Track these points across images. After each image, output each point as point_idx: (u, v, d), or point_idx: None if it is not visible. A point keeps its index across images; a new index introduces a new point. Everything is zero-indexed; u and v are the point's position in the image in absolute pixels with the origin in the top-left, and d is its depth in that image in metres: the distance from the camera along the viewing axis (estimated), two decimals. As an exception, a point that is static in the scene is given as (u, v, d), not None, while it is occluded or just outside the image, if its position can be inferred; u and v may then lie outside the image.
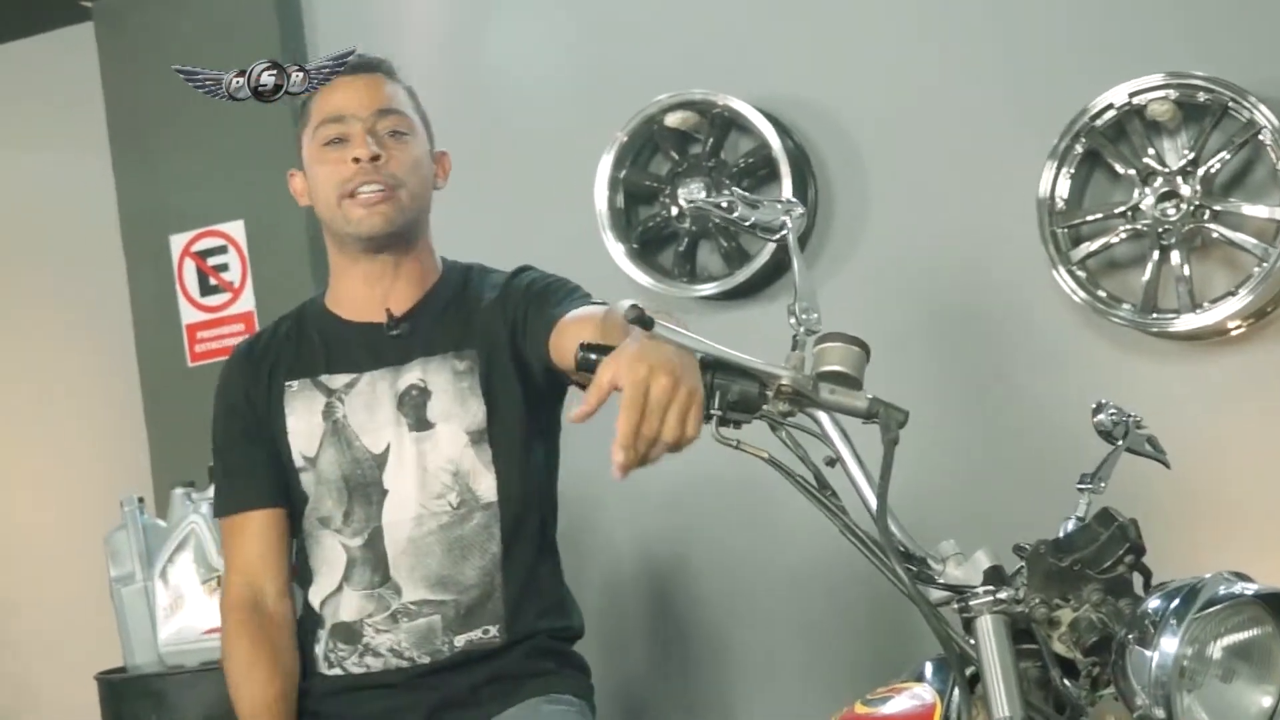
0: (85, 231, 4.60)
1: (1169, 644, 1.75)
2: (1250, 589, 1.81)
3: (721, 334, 1.96)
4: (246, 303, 4.36)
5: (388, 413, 2.47)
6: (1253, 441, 3.59)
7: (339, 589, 2.48)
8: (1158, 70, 3.50)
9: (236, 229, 4.37)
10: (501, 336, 2.47)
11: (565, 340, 2.26)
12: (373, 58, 2.56)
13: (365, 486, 2.46)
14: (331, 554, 2.48)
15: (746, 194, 2.12)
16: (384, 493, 2.46)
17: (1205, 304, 3.52)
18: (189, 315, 4.40)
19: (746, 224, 2.10)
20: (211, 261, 4.39)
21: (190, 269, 4.40)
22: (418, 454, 2.45)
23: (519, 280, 2.55)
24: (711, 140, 3.93)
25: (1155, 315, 3.55)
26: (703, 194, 3.88)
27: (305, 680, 2.51)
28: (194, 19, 4.41)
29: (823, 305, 2.03)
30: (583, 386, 2.03)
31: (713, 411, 1.92)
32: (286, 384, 2.51)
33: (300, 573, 2.55)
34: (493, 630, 2.45)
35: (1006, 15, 3.80)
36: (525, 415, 2.48)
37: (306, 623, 2.53)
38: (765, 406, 1.92)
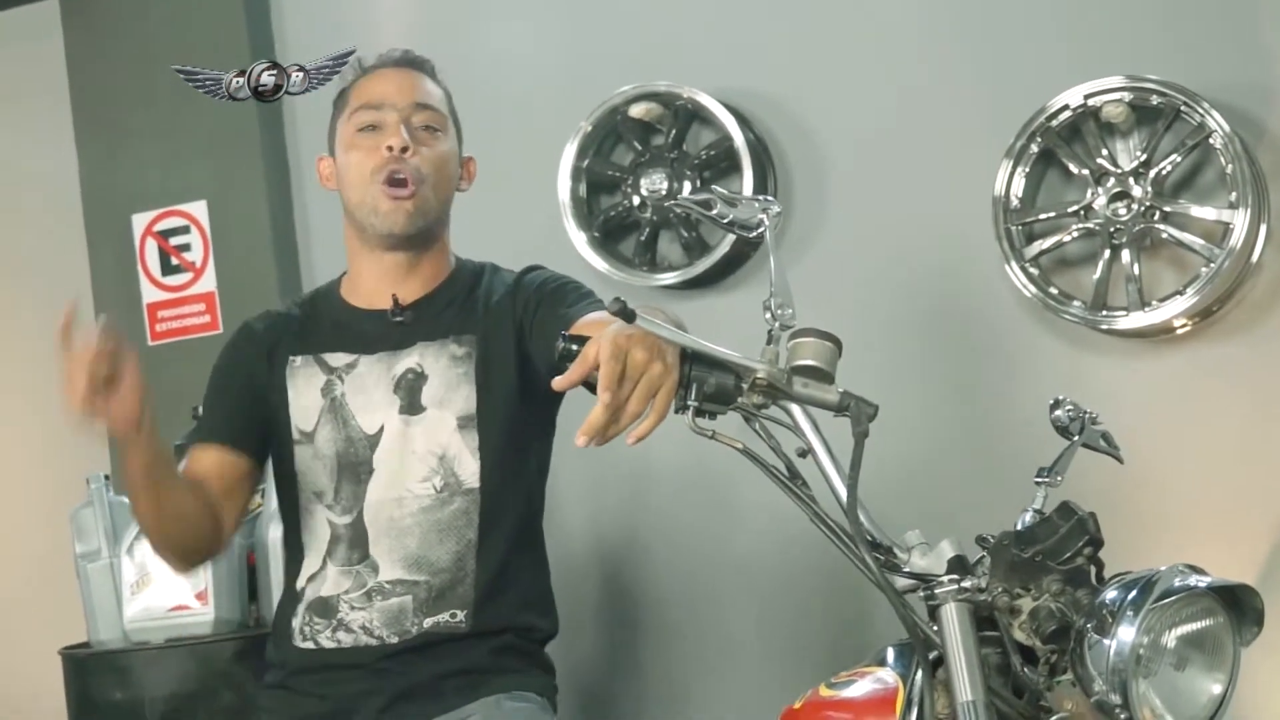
0: (47, 209, 4.58)
1: (1126, 633, 1.82)
2: (1204, 581, 1.88)
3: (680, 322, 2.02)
4: (208, 283, 4.37)
5: (384, 395, 2.51)
6: (1199, 437, 3.65)
7: (323, 567, 2.52)
8: (1113, 73, 3.55)
9: (199, 209, 4.37)
10: (506, 328, 2.52)
11: None
12: (418, 56, 2.62)
13: (355, 465, 2.50)
14: (320, 529, 2.52)
15: (726, 192, 2.16)
16: (371, 471, 2.49)
17: (1154, 302, 3.57)
18: (150, 294, 4.41)
19: (725, 221, 2.13)
20: (174, 241, 4.39)
21: (152, 248, 4.40)
22: (407, 437, 2.49)
23: (530, 278, 2.59)
24: (674, 132, 3.97)
25: (1105, 312, 3.61)
26: (665, 189, 3.92)
27: (279, 652, 2.54)
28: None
29: (788, 293, 2.05)
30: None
31: (690, 402, 1.97)
32: (290, 358, 2.56)
33: (290, 554, 2.59)
34: (460, 615, 2.47)
35: (966, 15, 3.85)
36: (518, 408, 2.51)
37: (285, 602, 2.56)
38: (740, 398, 1.98)
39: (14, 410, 4.66)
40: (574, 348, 1.98)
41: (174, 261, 4.39)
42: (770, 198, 2.23)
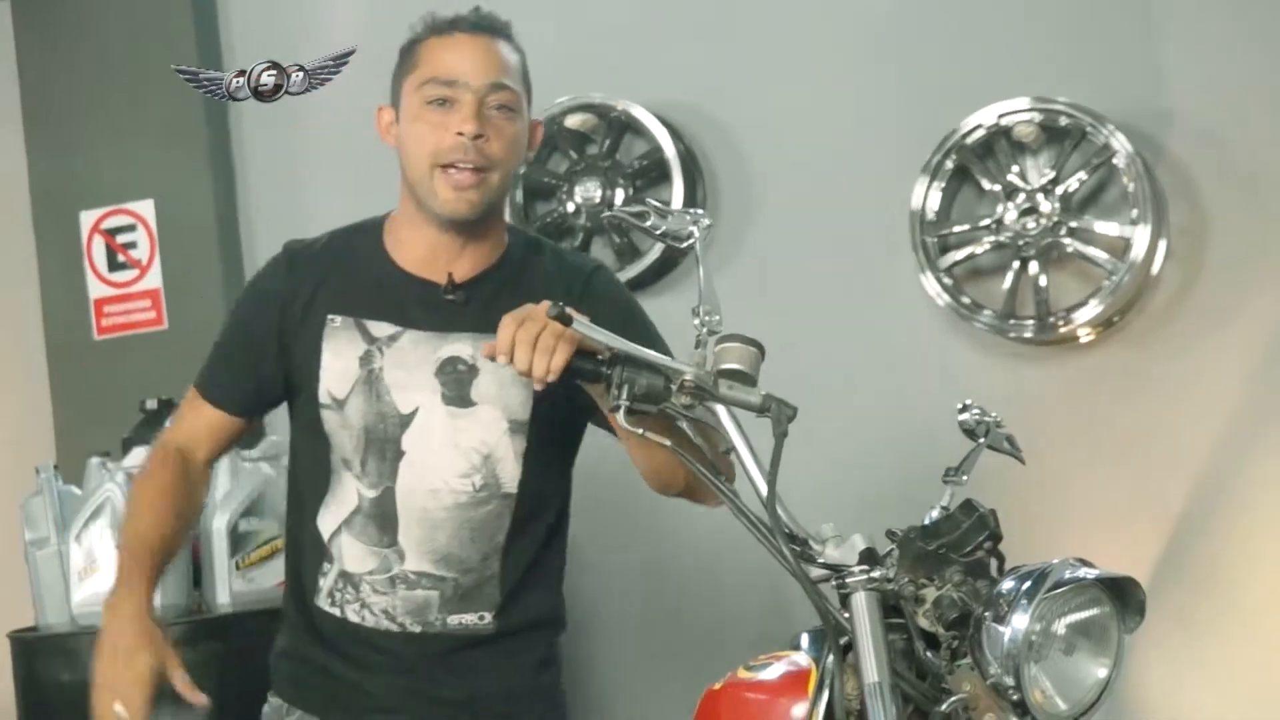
0: (-1, 206, 4.60)
1: (1020, 621, 1.91)
2: (1092, 573, 1.97)
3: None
4: (154, 280, 4.38)
5: (425, 377, 2.34)
6: (1097, 440, 3.77)
7: (339, 531, 2.38)
8: (1024, 95, 3.66)
9: (146, 208, 4.39)
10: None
11: None
12: (497, 20, 2.38)
13: (383, 443, 2.35)
14: (346, 494, 2.38)
15: (659, 204, 2.22)
16: (400, 454, 2.35)
17: (1059, 312, 3.68)
18: (96, 290, 4.42)
19: (658, 233, 2.19)
20: (120, 239, 4.40)
21: (99, 245, 4.42)
22: (453, 429, 2.34)
23: (605, 294, 2.45)
24: (608, 142, 4.06)
25: (1013, 321, 3.72)
26: (599, 196, 3.99)
27: (301, 611, 2.43)
28: (111, 1, 4.42)
29: (715, 300, 2.12)
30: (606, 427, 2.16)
31: (621, 401, 2.04)
32: (329, 317, 2.36)
33: (308, 497, 2.44)
34: (487, 617, 2.40)
35: (888, 37, 3.94)
36: (566, 415, 2.39)
37: (309, 550, 2.42)
38: (669, 399, 2.05)
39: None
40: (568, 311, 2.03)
41: (120, 258, 4.40)
42: (700, 211, 2.28)
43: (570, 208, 4.08)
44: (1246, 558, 3.66)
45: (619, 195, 4.03)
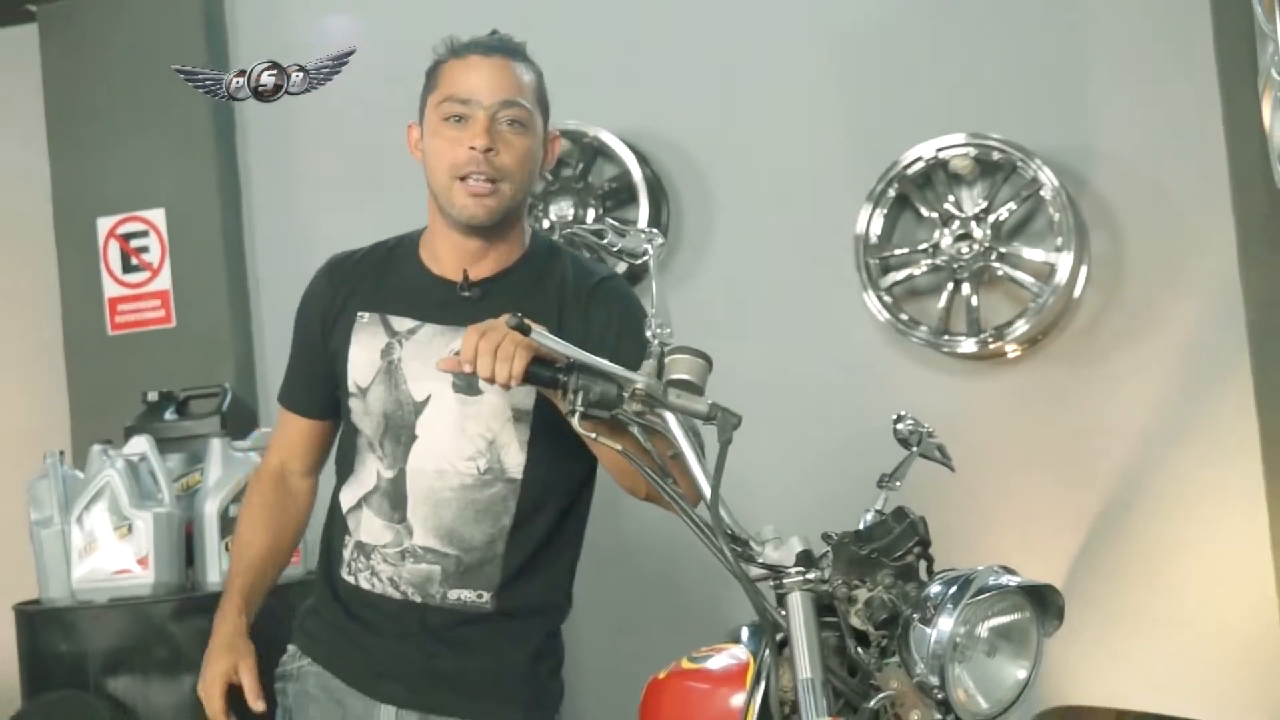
0: (20, 211, 4.48)
1: (945, 623, 1.81)
2: (1014, 581, 1.88)
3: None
4: (164, 281, 4.29)
5: None
6: (1021, 450, 3.68)
7: (359, 505, 2.34)
8: (961, 130, 3.59)
9: (158, 216, 4.29)
10: (570, 336, 2.16)
11: None
12: (511, 42, 2.35)
13: (399, 428, 2.29)
14: (367, 472, 2.33)
15: (616, 224, 2.13)
16: (413, 437, 2.29)
17: (989, 330, 3.60)
18: (111, 289, 4.32)
19: (614, 250, 2.11)
20: (134, 243, 4.30)
21: (114, 249, 4.32)
22: (461, 415, 2.27)
23: (609, 305, 2.34)
24: (581, 165, 3.96)
25: (947, 337, 3.64)
26: (570, 215, 3.91)
27: (327, 577, 2.39)
28: (129, 25, 4.32)
29: (667, 314, 2.09)
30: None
31: (577, 407, 1.96)
32: (359, 314, 2.33)
33: (341, 471, 2.40)
34: (485, 596, 2.30)
35: (839, 75, 3.87)
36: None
37: (337, 524, 2.39)
38: (621, 406, 1.96)
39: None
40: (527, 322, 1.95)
41: (133, 261, 4.30)
42: (655, 230, 2.18)
43: (545, 225, 3.97)
44: (1154, 555, 3.59)
45: (590, 214, 3.93)
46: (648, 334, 2.01)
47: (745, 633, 2.15)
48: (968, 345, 3.62)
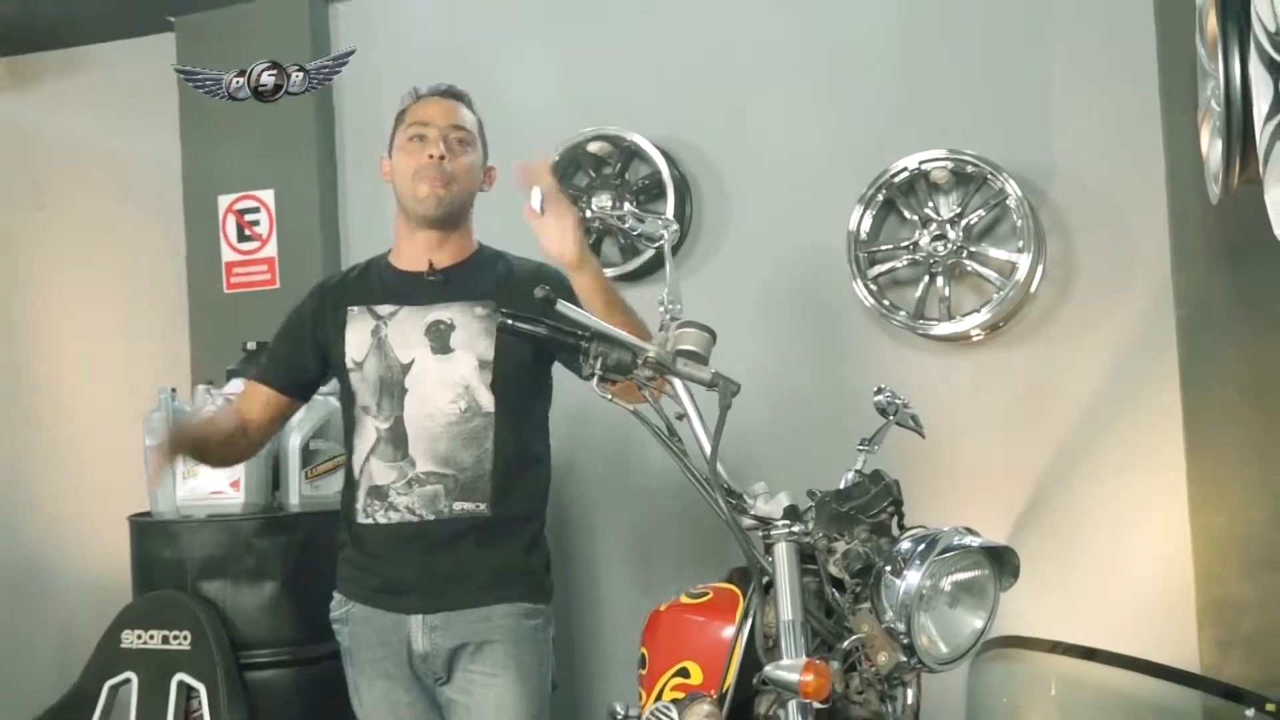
0: (156, 189, 4.31)
1: (914, 576, 1.67)
2: (976, 541, 1.73)
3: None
4: (271, 250, 4.13)
5: (418, 337, 2.40)
6: (983, 422, 3.51)
7: (367, 459, 2.41)
8: (941, 146, 3.41)
9: (268, 195, 4.13)
10: (517, 301, 2.24)
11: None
12: (458, 89, 2.53)
13: (392, 386, 2.39)
14: (367, 432, 2.42)
15: (636, 210, 1.99)
16: (404, 391, 2.38)
17: (958, 316, 3.43)
18: (228, 255, 4.17)
19: (635, 233, 2.00)
20: (248, 218, 4.15)
21: (231, 222, 4.16)
22: (439, 370, 2.38)
23: (545, 269, 2.45)
24: (619, 165, 3.76)
25: (922, 321, 3.46)
26: (608, 205, 3.73)
27: (349, 528, 2.45)
28: (248, 35, 4.15)
29: (687, 295, 1.98)
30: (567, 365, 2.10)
31: (596, 371, 1.85)
32: (349, 309, 2.45)
33: (348, 452, 2.49)
34: (482, 506, 2.36)
35: (838, 96, 3.68)
36: (523, 359, 2.38)
37: (348, 490, 2.47)
38: (634, 371, 1.85)
39: (120, 333, 4.41)
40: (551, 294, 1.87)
41: (246, 233, 4.15)
42: (669, 218, 2.07)
43: (587, 214, 3.78)
44: (1090, 511, 3.41)
45: (626, 207, 3.75)
46: (660, 308, 1.91)
47: (736, 575, 2.01)
48: (940, 329, 3.43)
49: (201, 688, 2.87)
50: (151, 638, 2.98)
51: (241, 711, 2.89)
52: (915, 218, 3.47)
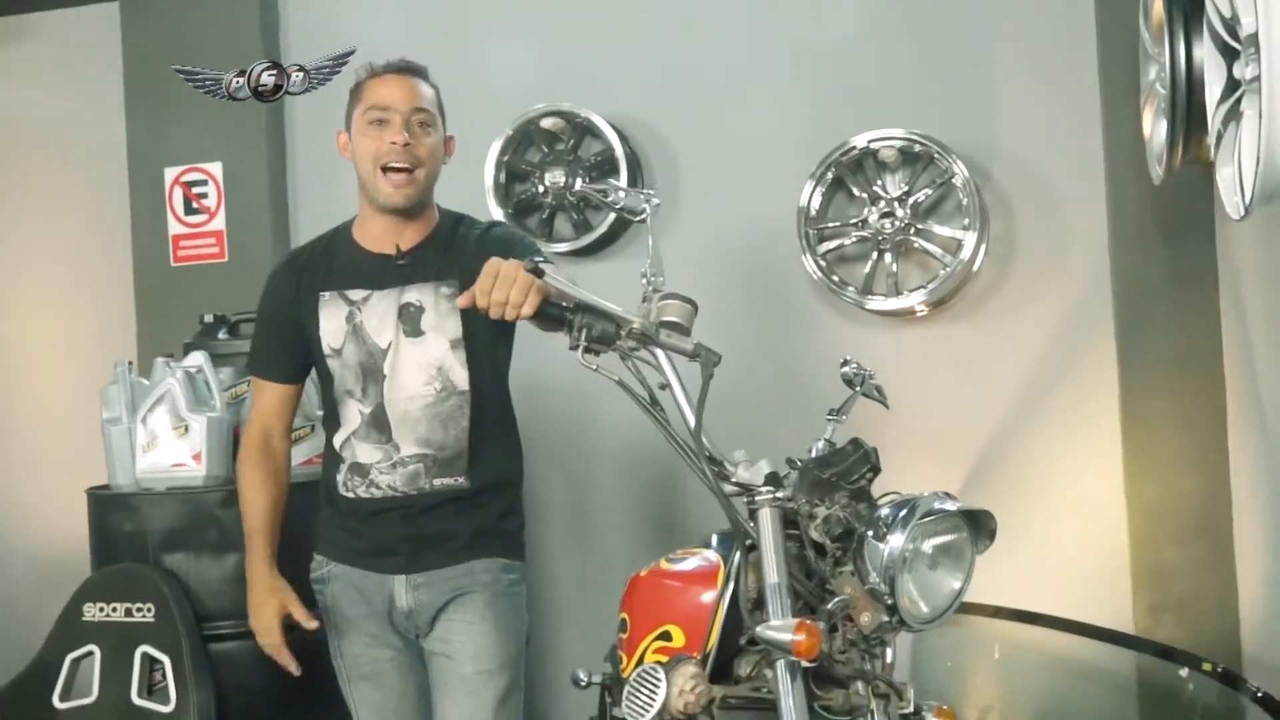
0: (101, 161, 4.21)
1: (897, 540, 1.70)
2: (954, 506, 1.76)
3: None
4: (219, 223, 4.05)
5: (391, 320, 2.36)
6: (928, 391, 3.56)
7: (349, 440, 2.40)
8: (890, 125, 3.45)
9: (216, 168, 4.05)
10: (478, 271, 2.28)
11: None
12: (416, 64, 2.43)
13: (373, 371, 2.37)
14: (350, 413, 2.40)
15: (620, 185, 1.99)
16: (384, 376, 2.36)
17: (905, 292, 3.47)
18: (174, 228, 4.08)
19: (618, 207, 1.99)
20: (195, 190, 4.07)
21: (178, 194, 4.08)
22: (413, 353, 2.35)
23: (494, 231, 2.47)
24: (572, 140, 3.76)
25: (870, 296, 3.50)
26: (562, 182, 3.73)
27: (330, 500, 2.45)
28: (196, 5, 4.06)
29: (635, 270, 1.97)
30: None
31: (580, 342, 1.84)
32: (321, 294, 2.39)
33: (328, 423, 2.47)
34: (461, 480, 2.38)
35: (790, 74, 3.70)
36: (492, 329, 2.35)
37: (330, 460, 2.46)
38: (618, 342, 1.86)
39: (62, 306, 4.30)
40: None
41: (194, 205, 4.07)
42: (652, 191, 2.05)
43: (540, 189, 3.78)
44: (1030, 480, 3.49)
45: (578, 182, 3.75)
46: (643, 280, 1.91)
47: (715, 539, 2.04)
48: (887, 304, 3.48)
49: (166, 659, 2.83)
50: (114, 610, 2.93)
51: (206, 683, 2.86)
52: (864, 195, 3.50)
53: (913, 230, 3.47)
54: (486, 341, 2.39)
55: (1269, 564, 3.01)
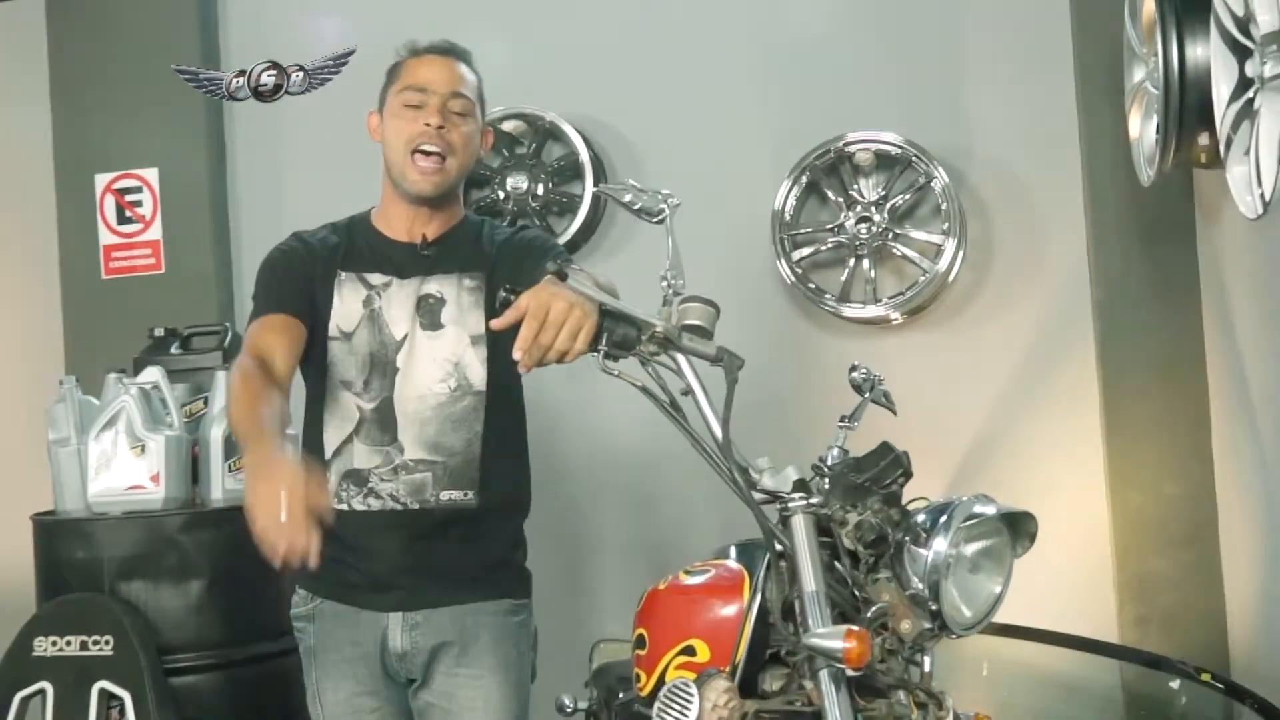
0: (24, 167, 4.12)
1: (940, 544, 1.73)
2: (994, 509, 1.80)
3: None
4: (155, 233, 3.99)
5: (409, 311, 2.30)
6: (904, 398, 3.58)
7: (349, 440, 2.28)
8: (866, 129, 3.51)
9: (151, 174, 3.99)
10: (505, 267, 2.30)
11: None
12: (459, 47, 2.38)
13: (383, 363, 2.28)
14: (346, 411, 2.28)
15: (638, 185, 2.01)
16: (395, 370, 2.28)
17: (883, 299, 3.54)
18: (106, 238, 4.00)
19: (635, 208, 2.00)
20: (128, 198, 4.00)
21: (110, 202, 4.00)
22: (430, 348, 2.28)
23: (525, 233, 2.45)
24: (534, 144, 3.77)
25: (847, 304, 3.56)
26: (524, 188, 3.75)
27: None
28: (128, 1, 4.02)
29: (604, 278, 2.01)
30: None
31: (601, 347, 1.85)
32: (339, 272, 2.31)
33: (310, 429, 2.31)
34: (470, 494, 2.27)
35: (762, 75, 3.75)
36: (514, 330, 2.19)
37: (318, 463, 2.26)
38: (640, 347, 1.87)
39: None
40: (512, 297, 1.82)
41: (128, 214, 4.00)
42: (669, 192, 2.07)
43: (501, 195, 3.78)
44: (1010, 488, 3.36)
45: (540, 188, 3.76)
46: (663, 283, 1.96)
47: (734, 550, 2.05)
48: (864, 311, 3.54)
49: (126, 695, 2.77)
50: (68, 644, 2.85)
51: (169, 718, 2.80)
52: (840, 200, 3.56)
53: (890, 236, 3.54)
54: (509, 341, 2.24)
55: (1257, 571, 3.11)
